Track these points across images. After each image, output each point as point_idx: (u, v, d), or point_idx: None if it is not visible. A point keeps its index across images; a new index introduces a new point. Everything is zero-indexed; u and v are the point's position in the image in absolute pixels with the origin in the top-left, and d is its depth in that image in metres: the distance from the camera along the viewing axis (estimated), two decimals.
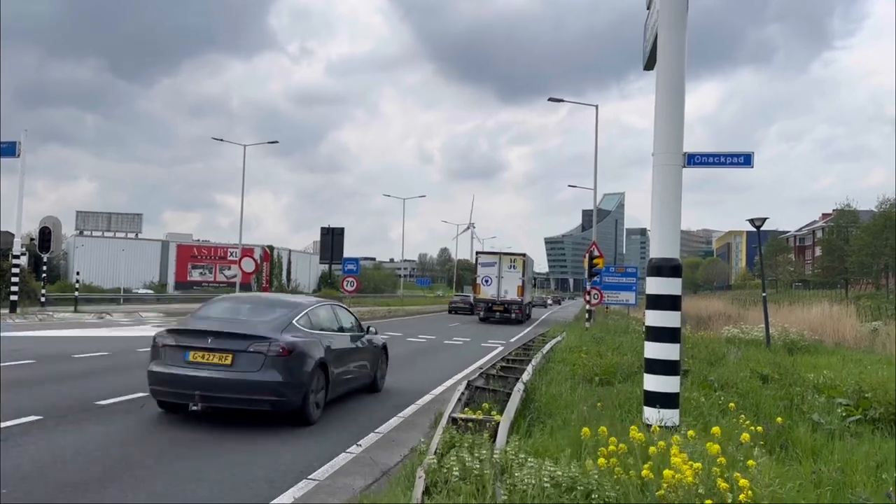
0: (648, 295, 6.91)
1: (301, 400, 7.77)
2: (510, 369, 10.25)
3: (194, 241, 74.75)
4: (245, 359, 7.54)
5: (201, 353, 7.61)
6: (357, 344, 9.90)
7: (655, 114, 6.98)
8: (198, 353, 7.62)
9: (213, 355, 7.58)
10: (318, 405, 8.24)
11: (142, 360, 13.21)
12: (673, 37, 6.92)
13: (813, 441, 6.56)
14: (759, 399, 8.50)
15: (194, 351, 7.65)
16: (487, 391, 8.10)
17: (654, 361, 6.83)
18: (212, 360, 7.58)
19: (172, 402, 8.08)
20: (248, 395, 7.50)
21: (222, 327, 7.85)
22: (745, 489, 3.77)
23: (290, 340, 7.82)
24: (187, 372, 7.56)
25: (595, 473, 4.31)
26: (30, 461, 5.86)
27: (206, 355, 7.59)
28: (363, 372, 10.13)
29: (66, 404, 8.35)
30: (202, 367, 7.56)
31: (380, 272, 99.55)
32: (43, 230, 27.31)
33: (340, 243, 71.42)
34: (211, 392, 7.48)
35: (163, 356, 7.90)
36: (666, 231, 6.93)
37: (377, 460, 6.49)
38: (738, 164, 7.03)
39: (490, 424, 6.04)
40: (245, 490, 5.45)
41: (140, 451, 6.42)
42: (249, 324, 8.08)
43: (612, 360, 11.03)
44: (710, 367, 11.85)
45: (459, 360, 16.34)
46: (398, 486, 5.06)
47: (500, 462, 4.71)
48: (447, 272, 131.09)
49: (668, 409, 6.64)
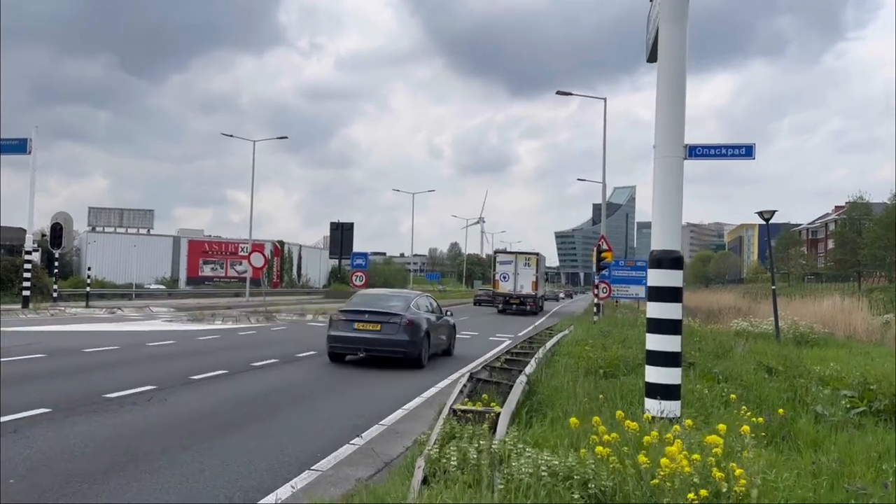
0: (649, 287, 6.93)
1: (418, 353, 13.02)
2: (514, 362, 10.29)
3: (206, 237, 75.13)
4: (387, 327, 12.86)
5: (362, 323, 12.98)
6: (441, 321, 14.91)
7: (657, 106, 6.99)
8: (360, 323, 12.99)
9: (369, 325, 12.95)
10: (426, 357, 13.37)
11: (150, 355, 13.42)
12: (674, 29, 6.91)
13: (815, 432, 6.57)
14: (763, 391, 8.50)
15: (358, 322, 13.00)
16: (491, 383, 8.14)
17: (655, 353, 6.85)
18: (368, 327, 12.94)
19: (342, 353, 13.34)
20: (390, 348, 12.82)
21: (373, 308, 13.31)
22: (740, 478, 3.79)
23: (411, 316, 13.10)
24: (354, 335, 12.94)
25: (592, 463, 4.35)
26: (38, 452, 5.95)
27: (365, 325, 12.95)
28: (443, 340, 15.03)
29: (75, 397, 8.46)
30: (363, 332, 12.91)
31: (390, 267, 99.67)
32: (55, 226, 27.53)
33: (350, 238, 71.68)
34: (368, 346, 12.89)
35: (337, 326, 13.19)
36: (667, 223, 6.94)
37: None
38: (740, 156, 7.03)
39: (490, 415, 6.09)
40: (248, 480, 5.52)
41: (146, 443, 6.51)
42: (388, 306, 13.42)
43: (617, 353, 11.04)
44: (717, 360, 11.85)
45: (466, 354, 16.36)
46: (398, 475, 5.11)
47: (499, 452, 4.76)
48: (457, 267, 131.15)
49: (670, 401, 6.66)
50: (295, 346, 16.17)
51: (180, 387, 9.78)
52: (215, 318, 25.37)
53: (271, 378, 11.34)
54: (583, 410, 6.80)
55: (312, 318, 28.82)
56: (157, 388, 9.41)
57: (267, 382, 10.83)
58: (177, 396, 9.03)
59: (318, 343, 17.24)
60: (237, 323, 24.32)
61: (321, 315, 30.08)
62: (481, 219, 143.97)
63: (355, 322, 13.06)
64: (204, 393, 9.51)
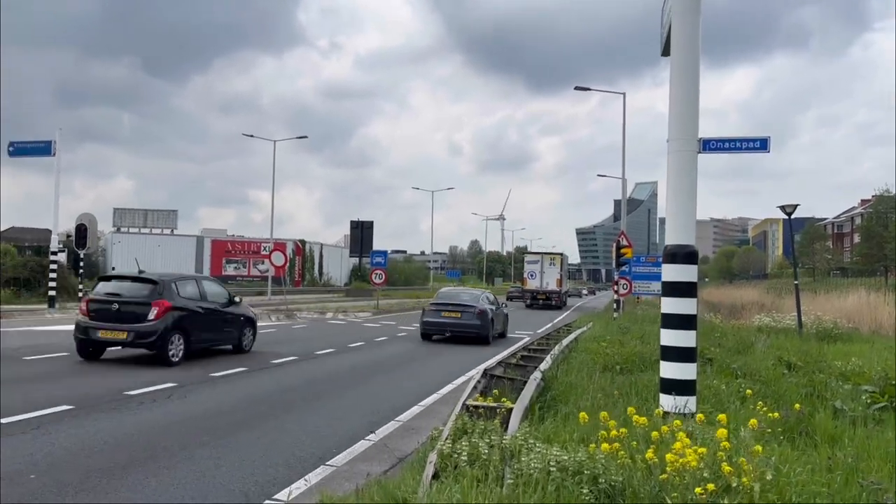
0: (663, 282, 6.88)
1: (486, 333, 18.14)
2: (530, 358, 10.29)
3: (228, 237, 75.78)
4: (465, 315, 18.13)
5: (447, 312, 18.37)
6: (499, 311, 20.17)
7: (670, 100, 6.93)
8: (446, 312, 18.37)
9: (452, 313, 18.28)
10: (492, 337, 18.56)
11: None
12: (687, 22, 6.86)
13: (833, 428, 6.51)
14: (781, 387, 8.42)
15: (444, 311, 18.42)
16: (505, 380, 8.15)
17: (669, 349, 6.80)
18: (451, 315, 18.28)
19: (432, 333, 18.59)
20: (467, 330, 17.96)
21: (454, 301, 18.90)
22: (749, 473, 3.78)
23: (481, 307, 18.42)
24: (441, 320, 18.35)
25: (602, 458, 4.35)
26: (59, 448, 6.08)
27: (450, 313, 18.30)
28: (500, 325, 20.16)
29: (97, 394, 8.62)
30: (448, 318, 18.26)
31: (411, 265, 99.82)
32: (79, 227, 27.92)
33: (370, 237, 71.94)
34: (452, 329, 18.15)
35: (429, 314, 18.63)
36: (681, 217, 6.89)
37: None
38: (755, 149, 6.96)
39: (501, 411, 6.10)
40: (263, 475, 5.60)
41: (165, 439, 6.61)
42: (464, 300, 19.00)
43: (634, 349, 10.99)
44: (736, 356, 11.75)
45: (483, 353, 16.39)
46: (411, 470, 5.15)
47: (510, 447, 4.77)
48: (478, 264, 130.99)
49: (685, 397, 6.61)
50: (314, 344, 16.30)
51: (200, 384, 9.90)
52: None
53: (290, 375, 11.45)
54: (596, 406, 6.79)
55: (332, 315, 29.01)
56: (177, 386, 9.54)
57: (285, 380, 10.93)
58: (196, 394, 9.16)
59: (337, 340, 17.39)
60: (259, 321, 24.51)
61: (341, 313, 30.26)
62: (502, 216, 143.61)
63: (442, 311, 18.60)
64: (223, 390, 9.63)
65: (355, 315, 29.44)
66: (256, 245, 67.88)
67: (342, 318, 27.53)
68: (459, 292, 20.83)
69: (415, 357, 15.30)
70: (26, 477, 5.24)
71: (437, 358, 15.36)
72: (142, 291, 12.03)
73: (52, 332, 16.75)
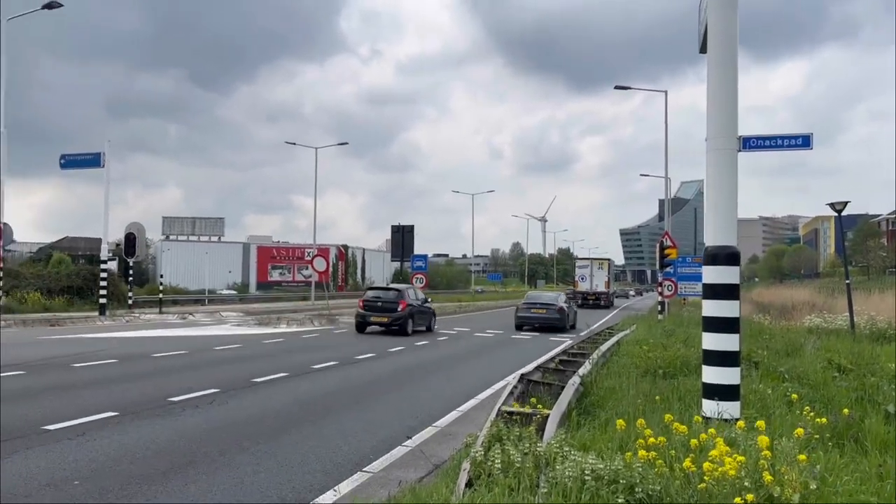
0: (704, 284, 6.73)
1: (565, 325, 24.98)
2: (569, 363, 10.16)
3: (273, 243, 77.04)
4: (549, 311, 24.88)
5: (535, 309, 25.11)
6: (571, 308, 26.77)
7: (707, 97, 6.79)
8: (534, 309, 25.12)
9: (539, 310, 25.00)
10: (568, 327, 25.30)
11: (216, 358, 13.83)
12: (724, 17, 6.71)
13: (885, 434, 6.25)
14: (830, 390, 8.13)
15: (533, 308, 25.19)
16: (542, 385, 8.05)
17: (712, 352, 6.65)
18: (538, 311, 25.00)
19: (524, 325, 24.96)
20: (551, 322, 24.62)
21: (540, 301, 25.94)
22: (791, 482, 3.64)
23: (559, 305, 25.34)
24: (531, 315, 25.03)
25: (639, 466, 4.24)
26: (102, 455, 6.20)
27: (537, 310, 25.01)
28: (572, 319, 26.36)
29: (141, 401, 8.78)
30: (536, 313, 25.01)
31: (452, 268, 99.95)
32: (128, 236, 28.69)
33: (411, 241, 72.03)
34: (539, 321, 24.80)
35: (521, 310, 25.25)
36: (721, 217, 6.73)
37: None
38: (797, 146, 6.75)
39: (536, 418, 6.02)
40: (301, 481, 5.63)
41: (206, 445, 6.69)
42: (547, 300, 26.13)
43: (677, 353, 10.75)
44: (785, 359, 11.41)
45: (524, 355, 16.27)
46: (444, 477, 5.12)
47: (545, 455, 4.70)
48: (519, 266, 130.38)
49: (728, 402, 6.45)
50: (355, 349, 16.40)
51: (242, 390, 10.03)
52: (281, 322, 25.94)
53: (330, 380, 11.52)
54: (637, 412, 6.66)
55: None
56: (219, 391, 9.68)
57: (325, 385, 11.01)
58: (238, 399, 9.27)
59: (377, 345, 17.46)
60: (301, 326, 24.81)
61: None
62: (543, 218, 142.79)
63: (531, 308, 25.24)
64: (264, 395, 9.73)
65: None
66: (300, 251, 68.77)
67: None
68: (542, 294, 29.00)
69: (454, 361, 15.27)
70: (70, 483, 5.36)
71: (477, 361, 15.31)
72: (393, 295, 21.89)
73: (102, 340, 17.19)
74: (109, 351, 13.97)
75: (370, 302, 21.90)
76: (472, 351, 17.76)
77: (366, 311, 21.58)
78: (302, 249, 67.97)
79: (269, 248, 72.94)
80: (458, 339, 21.15)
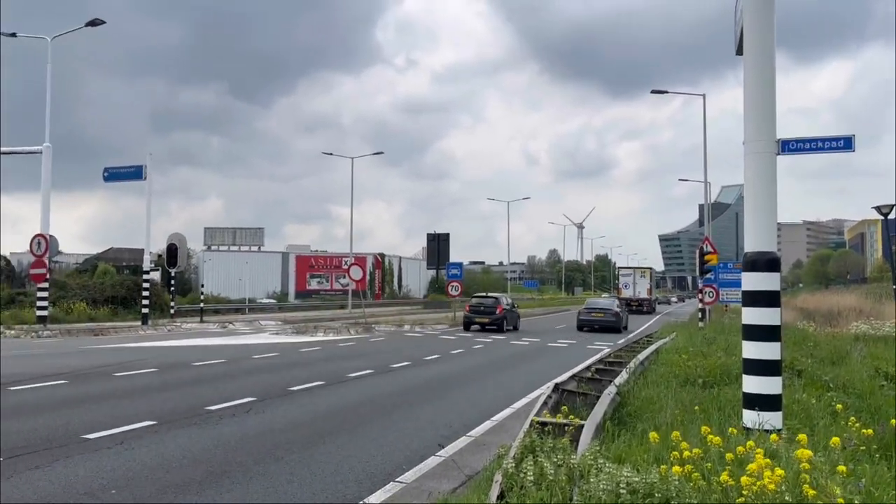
0: (744, 291, 6.56)
1: (620, 326, 29.70)
2: (605, 372, 10.00)
3: (312, 252, 77.75)
4: (607, 314, 30.14)
5: (594, 313, 30.51)
6: (623, 311, 31.90)
7: (744, 100, 6.63)
8: (594, 313, 30.53)
9: (598, 314, 30.32)
10: (623, 328, 30.15)
11: (254, 367, 13.98)
12: (760, 18, 6.55)
13: None
14: (878, 400, 7.86)
15: (593, 312, 30.62)
16: (577, 394, 7.93)
17: (752, 361, 6.47)
18: (597, 316, 30.21)
19: (584, 326, 29.72)
20: (609, 324, 29.40)
21: (599, 306, 31.79)
22: (831, 496, 3.50)
23: (615, 310, 30.64)
24: (591, 318, 30.16)
25: (676, 480, 4.13)
26: (139, 464, 6.28)
27: (596, 314, 30.37)
28: (625, 321, 31.49)
29: (179, 410, 8.90)
30: (595, 316, 30.21)
31: (489, 276, 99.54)
32: (170, 247, 29.23)
33: (446, 248, 72.47)
34: (599, 323, 29.60)
35: (583, 314, 30.74)
36: (761, 222, 6.55)
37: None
38: (838, 149, 6.54)
39: (570, 429, 5.92)
40: (333, 491, 5.62)
41: (241, 454, 6.74)
42: (604, 305, 31.91)
43: (717, 361, 10.51)
44: (830, 367, 11.09)
45: (561, 364, 16.11)
46: (476, 489, 5.06)
47: (578, 467, 4.60)
48: (556, 273, 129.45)
49: (769, 412, 6.27)
50: (390, 357, 16.42)
51: (278, 398, 10.10)
52: (318, 331, 26.16)
53: (365, 389, 11.54)
54: (675, 423, 6.51)
55: (409, 328, 29.21)
56: (256, 400, 9.76)
57: (361, 393, 11.02)
58: (274, 408, 9.33)
59: (413, 354, 17.47)
60: (338, 335, 24.98)
61: (418, 325, 30.45)
62: (581, 225, 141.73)
63: (592, 312, 30.24)
64: (300, 404, 9.78)
65: (432, 327, 29.58)
66: (338, 260, 69.36)
67: (419, 331, 27.69)
68: (599, 301, 34.71)
69: (489, 370, 15.18)
70: (108, 492, 5.43)
71: (513, 370, 15.20)
72: (492, 302, 28.41)
73: (143, 349, 17.51)
74: (150, 360, 14.21)
75: (475, 307, 28.06)
76: (507, 360, 17.65)
77: (471, 314, 27.77)
78: (339, 258, 68.54)
79: (308, 257, 73.64)
80: (493, 347, 21.05)
